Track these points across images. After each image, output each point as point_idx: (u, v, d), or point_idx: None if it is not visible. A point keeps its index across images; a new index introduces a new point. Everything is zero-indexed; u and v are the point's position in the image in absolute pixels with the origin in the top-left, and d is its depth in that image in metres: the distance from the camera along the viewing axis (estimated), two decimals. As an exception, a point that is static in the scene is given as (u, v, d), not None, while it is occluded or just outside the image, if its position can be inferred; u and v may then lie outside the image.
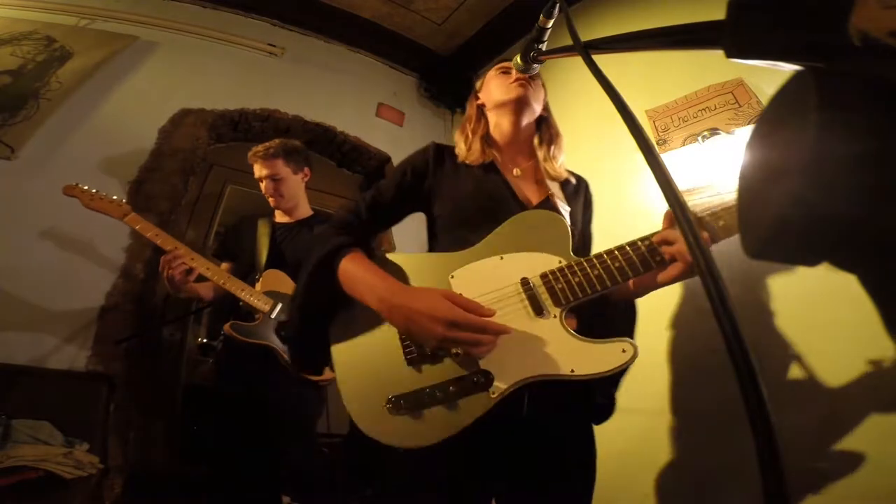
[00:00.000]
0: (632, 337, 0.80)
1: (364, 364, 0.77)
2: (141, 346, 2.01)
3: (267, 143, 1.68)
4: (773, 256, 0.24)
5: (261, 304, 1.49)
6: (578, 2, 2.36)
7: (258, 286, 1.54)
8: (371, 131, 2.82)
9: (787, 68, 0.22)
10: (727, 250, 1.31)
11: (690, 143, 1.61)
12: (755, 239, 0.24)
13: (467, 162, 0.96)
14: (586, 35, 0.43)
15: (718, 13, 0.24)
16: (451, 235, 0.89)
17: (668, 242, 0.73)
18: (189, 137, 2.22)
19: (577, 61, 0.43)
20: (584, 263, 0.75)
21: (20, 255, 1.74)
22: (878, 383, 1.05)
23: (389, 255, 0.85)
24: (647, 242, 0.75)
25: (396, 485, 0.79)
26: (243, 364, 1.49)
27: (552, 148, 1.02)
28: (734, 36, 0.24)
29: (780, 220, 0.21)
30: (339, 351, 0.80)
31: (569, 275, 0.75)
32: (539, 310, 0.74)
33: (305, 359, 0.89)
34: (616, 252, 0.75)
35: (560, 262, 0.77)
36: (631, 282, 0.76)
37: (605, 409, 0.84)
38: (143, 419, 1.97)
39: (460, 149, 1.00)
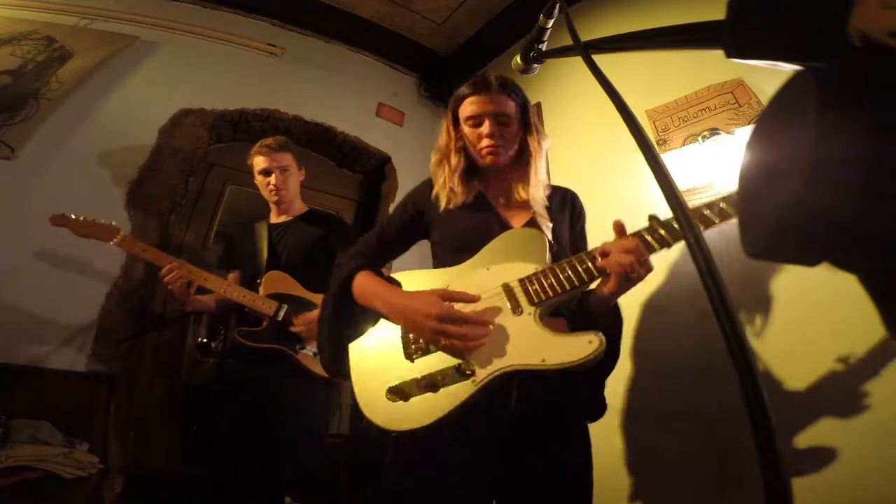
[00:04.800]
0: (618, 342, 0.86)
1: (372, 360, 0.89)
2: (141, 346, 2.02)
3: (273, 137, 1.72)
4: (773, 256, 0.24)
5: (265, 308, 1.49)
6: (578, 2, 2.36)
7: (261, 290, 1.53)
8: (371, 131, 2.82)
9: (787, 68, 0.22)
10: (727, 250, 1.31)
11: (690, 143, 1.60)
12: (755, 239, 0.24)
13: (457, 203, 1.00)
14: (586, 35, 0.43)
15: (718, 13, 0.24)
16: (447, 258, 0.98)
17: (605, 254, 0.77)
18: (189, 137, 2.22)
19: (577, 61, 0.43)
20: (556, 267, 0.83)
21: (20, 254, 1.74)
22: (878, 382, 1.05)
23: (394, 274, 0.97)
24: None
25: (397, 476, 0.86)
26: (254, 368, 1.47)
27: (530, 173, 1.02)
28: (734, 36, 0.24)
29: (780, 220, 0.21)
30: (354, 350, 0.92)
31: (542, 278, 0.83)
32: (517, 308, 0.82)
33: (335, 365, 0.96)
34: (584, 256, 0.82)
35: (536, 268, 0.85)
36: (605, 287, 0.79)
37: (596, 409, 0.91)
38: (142, 419, 1.97)
39: (442, 194, 1.01)
